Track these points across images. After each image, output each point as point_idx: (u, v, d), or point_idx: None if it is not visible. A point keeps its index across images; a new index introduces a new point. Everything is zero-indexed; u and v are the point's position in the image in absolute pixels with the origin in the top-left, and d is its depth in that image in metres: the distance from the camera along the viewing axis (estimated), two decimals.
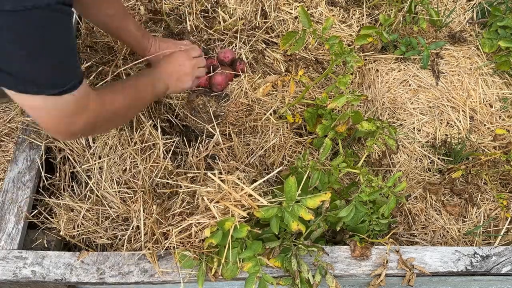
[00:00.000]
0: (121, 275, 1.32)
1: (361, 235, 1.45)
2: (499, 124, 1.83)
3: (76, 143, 1.50)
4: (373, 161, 1.76)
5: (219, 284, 1.43)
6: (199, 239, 1.29)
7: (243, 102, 1.65)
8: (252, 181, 1.50)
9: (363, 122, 1.51)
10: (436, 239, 1.62)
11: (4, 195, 1.45)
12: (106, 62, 1.70)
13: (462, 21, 2.10)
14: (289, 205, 1.23)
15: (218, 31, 1.87)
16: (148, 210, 1.39)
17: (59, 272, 1.32)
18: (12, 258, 1.33)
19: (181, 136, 1.70)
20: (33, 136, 1.50)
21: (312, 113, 1.69)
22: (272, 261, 1.29)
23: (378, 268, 1.38)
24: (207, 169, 1.51)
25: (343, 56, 1.48)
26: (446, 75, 1.90)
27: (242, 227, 1.22)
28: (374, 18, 2.05)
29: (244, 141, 1.67)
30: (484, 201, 1.70)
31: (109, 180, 1.45)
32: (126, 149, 1.49)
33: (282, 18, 1.94)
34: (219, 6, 1.88)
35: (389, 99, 1.85)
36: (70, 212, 1.43)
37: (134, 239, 1.39)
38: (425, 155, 1.78)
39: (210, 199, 1.29)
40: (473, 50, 1.99)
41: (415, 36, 1.94)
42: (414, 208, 1.67)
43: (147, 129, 1.54)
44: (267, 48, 1.90)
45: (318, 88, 1.86)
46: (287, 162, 1.67)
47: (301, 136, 1.75)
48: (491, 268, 1.42)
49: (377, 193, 1.37)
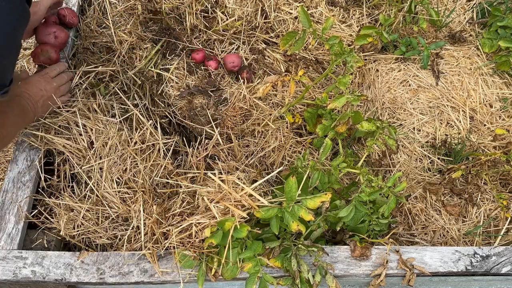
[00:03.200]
0: (121, 275, 1.32)
1: (361, 235, 1.45)
2: (499, 124, 1.83)
3: (76, 143, 1.49)
4: (373, 161, 1.76)
5: (219, 284, 1.43)
6: (199, 239, 1.29)
7: (241, 107, 1.65)
8: (252, 181, 1.50)
9: (363, 122, 1.51)
10: (436, 239, 1.62)
11: (4, 195, 1.44)
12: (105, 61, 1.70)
13: (462, 21, 2.10)
14: (289, 205, 1.23)
15: (218, 32, 1.87)
16: (148, 210, 1.39)
17: (59, 272, 1.32)
18: (12, 258, 1.33)
19: (181, 136, 1.70)
20: (32, 139, 1.50)
21: (312, 113, 1.69)
22: (272, 261, 1.29)
23: (378, 268, 1.38)
24: (207, 169, 1.51)
25: (343, 56, 1.48)
26: (446, 75, 1.90)
27: (242, 227, 1.22)
28: (374, 18, 2.05)
29: (244, 143, 1.67)
30: (484, 201, 1.70)
31: (109, 180, 1.45)
32: (126, 149, 1.49)
33: (282, 18, 1.94)
34: (218, 6, 1.88)
35: (389, 99, 1.85)
36: (70, 212, 1.43)
37: (134, 239, 1.39)
38: (425, 155, 1.78)
39: (210, 199, 1.29)
40: (473, 50, 1.99)
41: (415, 36, 1.94)
42: (414, 208, 1.67)
43: (147, 129, 1.54)
44: (267, 48, 1.90)
45: (318, 88, 1.86)
46: (287, 162, 1.67)
47: (301, 136, 1.75)
48: (491, 268, 1.42)
49: (377, 193, 1.37)
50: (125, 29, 1.77)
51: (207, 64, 1.81)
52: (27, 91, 1.44)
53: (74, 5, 1.83)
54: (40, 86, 1.48)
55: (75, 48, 1.75)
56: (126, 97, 1.65)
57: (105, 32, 1.77)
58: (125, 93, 1.69)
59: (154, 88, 1.74)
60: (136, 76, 1.72)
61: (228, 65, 1.78)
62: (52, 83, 1.51)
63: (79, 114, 1.51)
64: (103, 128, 1.52)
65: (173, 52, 1.82)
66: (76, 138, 1.49)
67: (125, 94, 1.69)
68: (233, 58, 1.78)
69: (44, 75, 1.52)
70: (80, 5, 1.86)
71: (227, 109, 1.66)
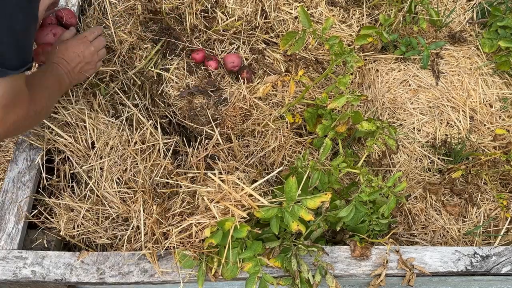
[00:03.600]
0: (121, 275, 1.32)
1: (361, 235, 1.45)
2: (499, 124, 1.83)
3: (77, 143, 1.49)
4: (373, 161, 1.76)
5: (219, 284, 1.43)
6: (199, 239, 1.29)
7: (241, 107, 1.65)
8: (252, 181, 1.50)
9: (363, 122, 1.51)
10: (436, 239, 1.62)
11: (4, 195, 1.44)
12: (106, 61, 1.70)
13: (462, 21, 2.10)
14: (289, 205, 1.23)
15: (218, 32, 1.87)
16: (148, 210, 1.39)
17: (59, 272, 1.32)
18: (12, 258, 1.33)
19: (181, 136, 1.70)
20: (32, 138, 1.50)
21: (312, 113, 1.69)
22: (272, 261, 1.29)
23: (378, 268, 1.38)
24: (207, 169, 1.51)
25: (343, 56, 1.48)
26: (446, 75, 1.90)
27: (242, 227, 1.22)
28: (374, 18, 2.05)
29: (244, 143, 1.67)
30: (484, 201, 1.70)
31: (109, 180, 1.45)
32: (126, 149, 1.49)
33: (282, 18, 1.94)
34: (218, 6, 1.88)
35: (389, 99, 1.85)
36: (70, 212, 1.43)
37: (134, 239, 1.39)
38: (425, 155, 1.78)
39: (210, 199, 1.29)
40: (473, 50, 1.99)
41: (415, 36, 1.94)
42: (414, 208, 1.67)
43: (147, 129, 1.54)
44: (267, 48, 1.90)
45: (318, 88, 1.86)
46: (287, 162, 1.67)
47: (301, 136, 1.75)
48: (491, 268, 1.42)
49: (377, 193, 1.37)
50: (125, 29, 1.77)
51: (207, 64, 1.81)
52: (64, 56, 1.40)
53: (74, 5, 1.83)
54: (78, 50, 1.43)
55: None
56: (126, 97, 1.65)
57: (105, 32, 1.77)
58: (125, 93, 1.69)
59: (154, 88, 1.74)
60: (136, 76, 1.72)
61: (228, 65, 1.78)
62: (90, 48, 1.46)
63: (80, 114, 1.51)
64: (104, 128, 1.52)
65: (173, 52, 1.82)
66: (78, 137, 1.49)
67: (125, 94, 1.69)
68: (233, 58, 1.78)
69: (83, 39, 1.46)
70: (80, 5, 1.86)
71: (227, 109, 1.66)
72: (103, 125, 1.52)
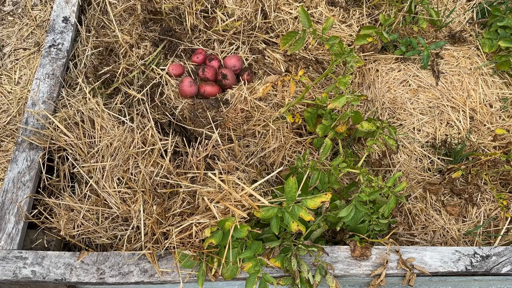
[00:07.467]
0: (121, 275, 1.32)
1: (361, 235, 1.45)
2: (499, 124, 1.83)
3: (80, 142, 1.49)
4: (373, 161, 1.76)
5: (219, 284, 1.43)
6: (199, 239, 1.29)
7: (242, 109, 1.65)
8: (252, 181, 1.50)
9: (363, 122, 1.51)
10: (436, 239, 1.62)
11: (4, 195, 1.44)
12: (106, 61, 1.70)
13: (462, 21, 2.10)
14: (289, 205, 1.23)
15: (218, 32, 1.87)
16: (148, 210, 1.39)
17: (59, 272, 1.32)
18: (12, 258, 1.33)
19: (181, 136, 1.70)
20: (32, 138, 1.50)
21: (312, 113, 1.69)
22: (272, 261, 1.29)
23: (378, 268, 1.38)
24: (207, 169, 1.51)
25: (343, 56, 1.48)
26: (446, 75, 1.90)
27: (242, 227, 1.22)
28: (374, 18, 2.05)
29: (244, 143, 1.67)
30: (484, 201, 1.70)
31: (110, 180, 1.45)
32: (127, 149, 1.49)
33: (282, 18, 1.94)
34: (218, 7, 1.88)
35: (389, 99, 1.85)
36: (70, 212, 1.43)
37: (134, 239, 1.39)
38: (425, 155, 1.78)
39: (210, 199, 1.29)
40: (473, 50, 1.99)
41: (415, 36, 1.94)
42: (414, 208, 1.67)
43: (148, 129, 1.54)
44: (267, 48, 1.90)
45: (318, 88, 1.86)
46: (287, 162, 1.67)
47: (301, 136, 1.75)
48: (491, 268, 1.42)
49: (377, 193, 1.37)
50: (125, 29, 1.77)
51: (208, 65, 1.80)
52: None
53: (74, 5, 1.83)
54: None
55: (75, 49, 1.75)
56: (127, 98, 1.65)
57: (106, 32, 1.77)
58: (126, 94, 1.69)
59: (155, 89, 1.74)
60: (137, 77, 1.72)
61: (228, 64, 1.78)
62: None
63: (80, 114, 1.51)
64: (105, 128, 1.52)
65: (174, 53, 1.82)
66: (80, 137, 1.49)
67: (126, 95, 1.69)
68: (234, 62, 1.78)
69: None
70: (80, 5, 1.86)
71: (228, 110, 1.66)
72: (104, 125, 1.52)
